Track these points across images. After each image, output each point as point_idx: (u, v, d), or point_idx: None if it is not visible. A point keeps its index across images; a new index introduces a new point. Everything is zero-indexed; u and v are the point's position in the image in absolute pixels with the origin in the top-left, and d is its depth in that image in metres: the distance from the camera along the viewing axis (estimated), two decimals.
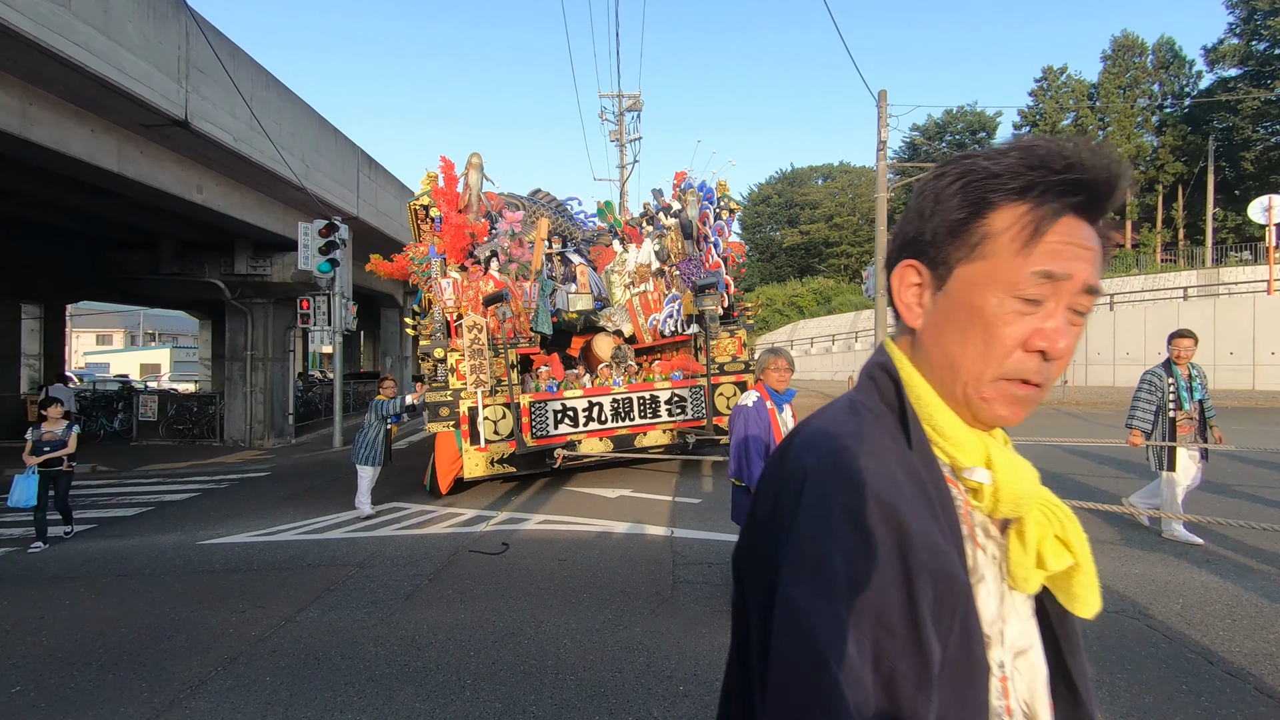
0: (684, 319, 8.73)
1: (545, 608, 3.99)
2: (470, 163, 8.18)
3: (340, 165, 13.40)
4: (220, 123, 9.32)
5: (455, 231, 7.87)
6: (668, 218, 9.14)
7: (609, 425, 7.74)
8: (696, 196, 8.90)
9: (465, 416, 7.08)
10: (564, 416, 7.56)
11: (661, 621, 3.71)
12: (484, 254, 8.01)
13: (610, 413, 7.74)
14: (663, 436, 7.97)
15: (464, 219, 8.00)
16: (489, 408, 7.15)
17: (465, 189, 8.15)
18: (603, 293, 9.21)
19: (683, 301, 8.72)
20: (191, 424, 14.83)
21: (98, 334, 58.32)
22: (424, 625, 3.81)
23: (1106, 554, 4.52)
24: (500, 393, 7.26)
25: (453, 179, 8.09)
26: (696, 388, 8.09)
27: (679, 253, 8.98)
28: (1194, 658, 3.07)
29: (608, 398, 7.75)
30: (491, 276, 7.83)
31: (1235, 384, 16.95)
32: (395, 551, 5.37)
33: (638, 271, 9.03)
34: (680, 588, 4.22)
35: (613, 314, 8.97)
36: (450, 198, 7.98)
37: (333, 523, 6.48)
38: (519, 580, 4.52)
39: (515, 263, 8.27)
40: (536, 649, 3.43)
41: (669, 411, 8.00)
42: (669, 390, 8.02)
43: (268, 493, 8.44)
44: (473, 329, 7.12)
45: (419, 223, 8.35)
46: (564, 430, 7.52)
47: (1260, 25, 31.25)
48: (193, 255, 13.31)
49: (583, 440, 7.56)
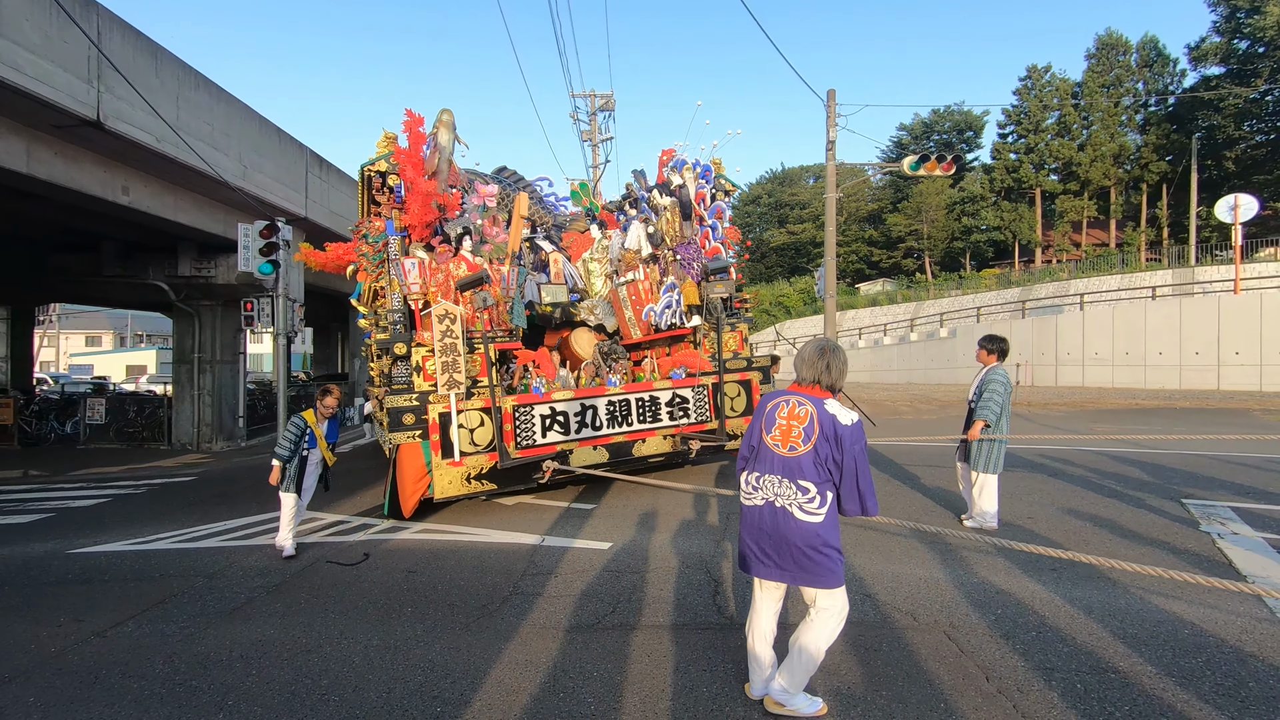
0: (684, 310, 7.78)
1: (360, 623, 3.87)
2: (441, 120, 6.82)
3: (285, 166, 13.27)
4: (140, 123, 9.20)
5: (422, 202, 6.57)
6: (662, 196, 8.11)
7: (604, 432, 6.72)
8: (693, 173, 7.99)
9: (435, 424, 5.91)
10: (553, 422, 6.47)
11: (468, 637, 3.58)
12: (454, 231, 6.84)
13: (605, 417, 6.75)
14: (663, 444, 7.01)
15: (433, 186, 6.71)
16: (464, 413, 6.03)
17: (434, 150, 6.79)
18: (578, 283, 8.11)
19: (683, 290, 7.78)
20: (140, 427, 14.73)
21: (86, 335, 58.40)
22: (227, 641, 3.68)
23: (954, 561, 4.39)
24: (477, 396, 6.17)
25: (419, 138, 6.73)
26: (700, 387, 7.24)
27: (676, 236, 8.01)
28: (974, 672, 2.93)
29: (602, 400, 6.74)
30: (463, 258, 6.70)
31: (1200, 384, 16.80)
32: (256, 561, 5.25)
33: (624, 258, 7.97)
34: (512, 600, 4.09)
35: (594, 306, 7.84)
36: (415, 161, 6.66)
37: (213, 530, 6.36)
38: (355, 593, 4.39)
39: (489, 244, 7.13)
40: (321, 668, 3.31)
41: (670, 415, 7.08)
42: (670, 391, 7.10)
43: (178, 498, 8.33)
44: (444, 319, 6.00)
45: (372, 193, 6.98)
46: (553, 439, 6.43)
47: (1242, 23, 31.07)
48: (136, 257, 13.21)
49: (574, 449, 6.53)
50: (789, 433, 2.60)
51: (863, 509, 2.55)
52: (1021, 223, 38.22)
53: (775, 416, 2.66)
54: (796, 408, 2.62)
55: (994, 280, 32.63)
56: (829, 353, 2.65)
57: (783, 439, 2.61)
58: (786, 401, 2.67)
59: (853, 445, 2.51)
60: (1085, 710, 2.63)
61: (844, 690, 2.86)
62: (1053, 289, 27.42)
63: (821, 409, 2.57)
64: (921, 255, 44.41)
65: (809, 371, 2.67)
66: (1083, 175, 36.33)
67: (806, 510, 2.54)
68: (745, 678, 3.00)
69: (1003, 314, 25.01)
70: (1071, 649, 3.14)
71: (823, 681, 2.93)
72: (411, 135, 6.67)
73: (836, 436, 2.52)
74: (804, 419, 2.58)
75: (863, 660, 3.13)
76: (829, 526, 2.55)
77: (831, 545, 2.54)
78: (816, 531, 2.53)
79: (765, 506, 2.62)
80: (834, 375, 2.64)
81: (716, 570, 4.45)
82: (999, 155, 40.06)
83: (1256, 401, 14.39)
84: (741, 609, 3.78)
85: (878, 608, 3.73)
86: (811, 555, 2.52)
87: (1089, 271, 29.30)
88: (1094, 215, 38.37)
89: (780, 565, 2.58)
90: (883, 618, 3.60)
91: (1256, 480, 6.53)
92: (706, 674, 3.05)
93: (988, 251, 41.77)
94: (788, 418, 2.63)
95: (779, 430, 2.63)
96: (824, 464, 2.53)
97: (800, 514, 2.55)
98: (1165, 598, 3.70)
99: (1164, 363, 17.67)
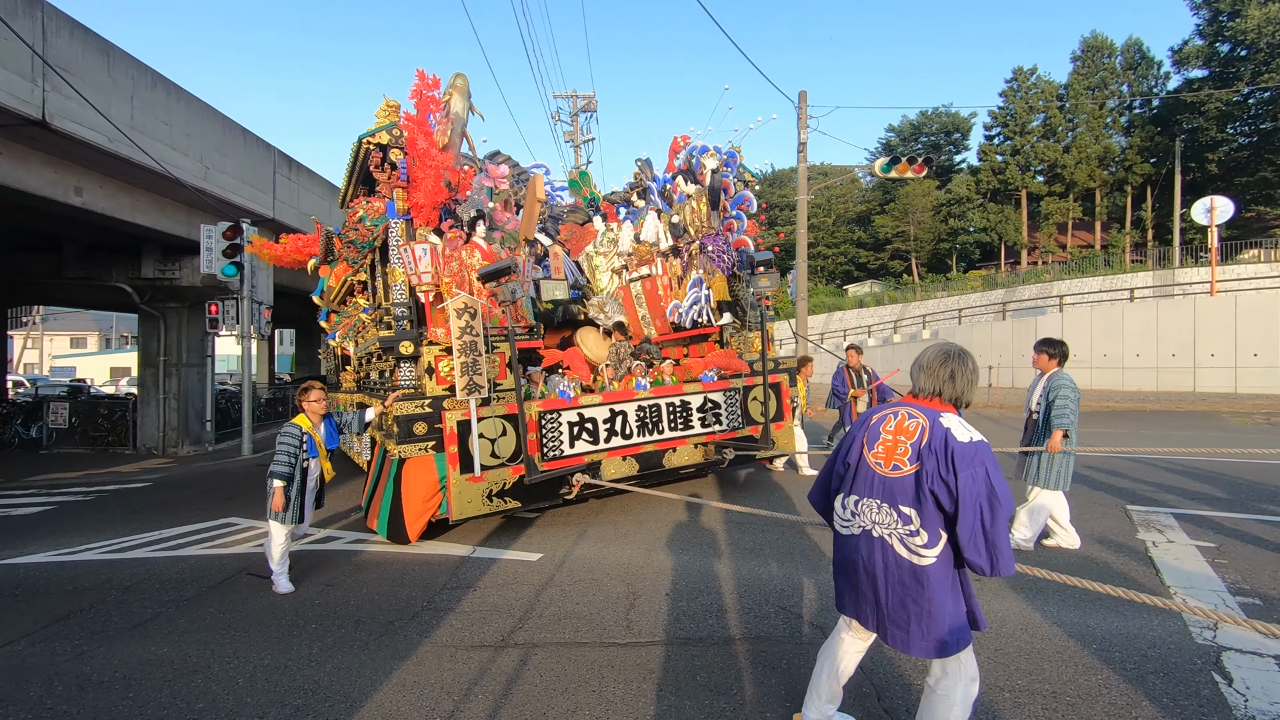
0: (713, 307, 7.26)
1: (259, 641, 3.74)
2: (455, 85, 5.99)
3: (251, 166, 13.11)
4: (89, 122, 9.02)
5: (435, 179, 5.71)
6: (688, 183, 7.51)
7: (634, 441, 6.14)
8: (717, 159, 7.34)
9: (452, 434, 5.26)
10: (581, 430, 5.89)
11: (364, 656, 3.46)
12: (468, 214, 6.15)
13: (636, 424, 6.18)
14: (695, 453, 6.47)
15: (448, 160, 5.91)
16: (485, 421, 5.39)
17: (446, 120, 6.01)
18: (579, 279, 7.49)
19: (711, 285, 7.23)
20: (106, 431, 14.51)
21: (71, 337, 57.93)
22: (115, 661, 3.55)
23: None
24: (498, 401, 5.58)
25: (431, 104, 5.85)
26: (732, 390, 6.77)
27: (702, 227, 7.36)
28: (868, 691, 2.83)
29: (632, 405, 6.16)
30: (476, 245, 6.01)
31: (1177, 386, 16.81)
32: (176, 573, 5.10)
33: (636, 252, 7.31)
34: (421, 616, 3.97)
35: (604, 304, 7.24)
36: (428, 130, 5.80)
37: (146, 540, 6.20)
38: (264, 608, 4.26)
39: (499, 230, 6.52)
40: (201, 690, 3.18)
41: (703, 421, 6.55)
42: (701, 395, 6.58)
43: (124, 506, 8.15)
44: (464, 313, 5.27)
45: (368, 168, 5.99)
46: (581, 449, 5.85)
47: (1224, 27, 31.23)
48: (98, 258, 13.01)
49: (603, 460, 5.98)
50: (893, 449, 2.15)
51: (991, 563, 1.94)
52: (1007, 224, 38.31)
53: (880, 430, 2.21)
54: (907, 420, 2.16)
55: (980, 282, 32.66)
56: (953, 359, 2.18)
57: (885, 456, 2.16)
58: (895, 413, 2.22)
59: (971, 467, 1.96)
60: None
61: (728, 711, 2.76)
62: (1036, 290, 27.46)
63: (936, 421, 2.10)
64: (909, 257, 44.47)
65: (928, 380, 2.20)
66: (1068, 177, 36.44)
67: (910, 546, 2.05)
68: (634, 697, 2.90)
69: (985, 316, 25.02)
70: None
71: (707, 700, 2.82)
72: (420, 101, 5.75)
73: (948, 452, 1.99)
74: (913, 433, 2.12)
75: (757, 678, 3.02)
76: (942, 577, 2.02)
77: (943, 601, 2.02)
78: (924, 578, 2.02)
79: (862, 536, 2.17)
80: (959, 386, 2.17)
81: (638, 582, 4.34)
82: (985, 157, 40.16)
83: (1230, 403, 14.41)
84: (654, 623, 3.67)
85: (789, 621, 3.63)
86: (911, 608, 2.02)
87: (1074, 273, 29.35)
88: (1079, 217, 38.51)
89: (877, 610, 2.12)
90: (792, 631, 3.50)
91: (1206, 486, 6.47)
92: (594, 694, 2.94)
93: (974, 253, 41.87)
94: (895, 431, 2.17)
95: (882, 446, 2.18)
96: (931, 489, 2.01)
97: (903, 549, 2.06)
98: (1082, 610, 3.61)
99: (1141, 365, 17.69)
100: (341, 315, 9.53)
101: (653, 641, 3.46)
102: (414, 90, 5.76)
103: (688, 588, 4.20)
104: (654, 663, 3.22)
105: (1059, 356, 4.73)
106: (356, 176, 6.54)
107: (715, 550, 4.97)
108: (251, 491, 8.71)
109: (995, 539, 1.93)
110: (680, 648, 3.37)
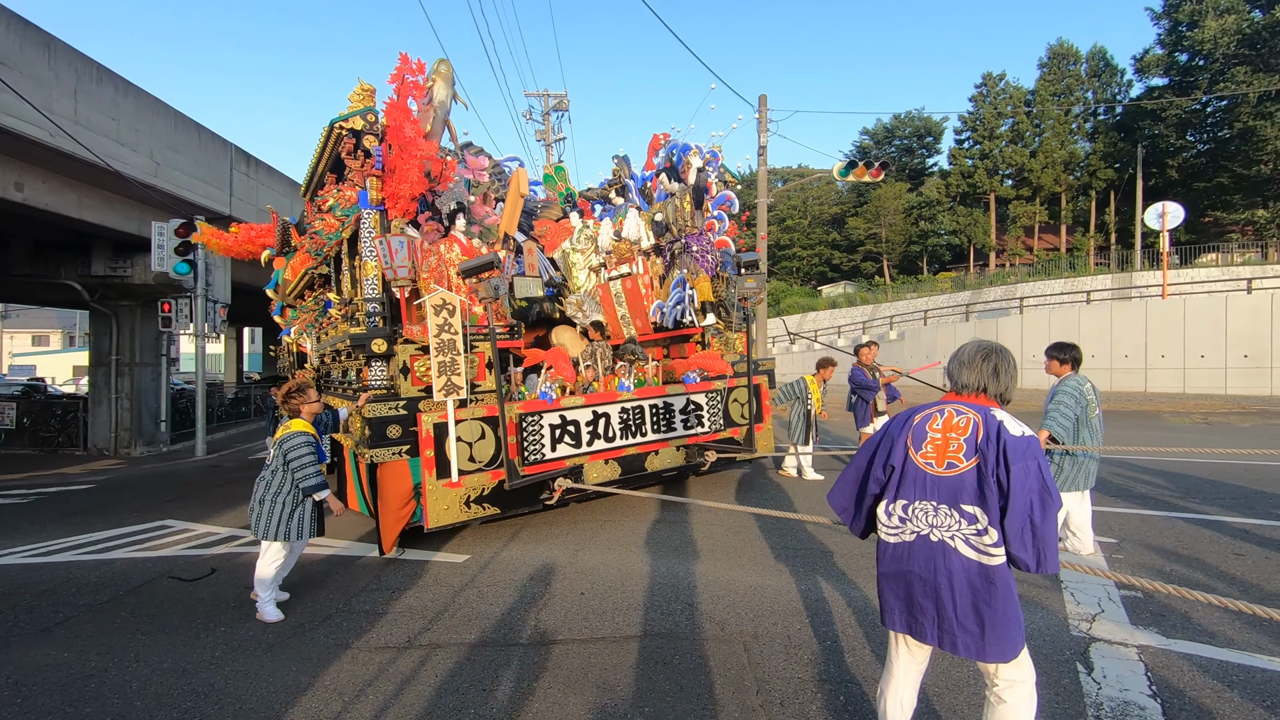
0: (697, 307, 7.24)
1: (165, 644, 3.71)
2: (439, 72, 5.75)
3: (205, 163, 12.89)
4: (27, 117, 8.82)
5: (416, 168, 5.39)
6: (671, 181, 7.45)
7: (617, 444, 6.02)
8: (701, 158, 7.28)
9: (428, 437, 5.03)
10: (563, 433, 5.74)
11: (267, 659, 3.46)
12: (447, 206, 5.94)
13: (619, 427, 6.07)
14: (677, 455, 6.43)
15: (432, 149, 5.64)
16: (463, 424, 5.18)
17: (428, 107, 5.74)
18: (554, 276, 7.35)
19: (695, 285, 7.19)
20: (57, 431, 14.18)
21: (33, 335, 56.31)
22: (11, 666, 3.49)
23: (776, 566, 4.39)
24: (475, 403, 5.41)
25: (414, 90, 5.53)
26: (714, 392, 6.74)
27: (686, 226, 7.29)
28: (749, 685, 2.91)
29: (615, 407, 6.05)
30: (456, 239, 5.83)
31: (1129, 386, 17.29)
32: (97, 576, 5.03)
33: (616, 250, 7.22)
34: (334, 618, 3.97)
35: (581, 302, 7.08)
36: (408, 116, 5.43)
37: (74, 544, 6.10)
38: (178, 611, 4.23)
39: (477, 224, 6.36)
40: (94, 693, 3.16)
41: (685, 423, 6.52)
42: (684, 397, 6.55)
43: (60, 508, 7.99)
44: (442, 310, 5.06)
45: (338, 155, 5.62)
46: (564, 452, 5.70)
47: (1183, 36, 32.13)
48: (46, 256, 12.70)
49: (585, 464, 5.85)
50: (945, 446, 2.05)
51: (1038, 560, 1.89)
52: (976, 227, 39.02)
53: (926, 429, 2.11)
54: (955, 416, 2.08)
55: (949, 283, 33.23)
56: (996, 355, 2.13)
57: (938, 455, 2.06)
58: (941, 411, 2.13)
59: (1023, 461, 1.91)
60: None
61: (608, 706, 2.82)
62: (1001, 292, 28.02)
63: (988, 415, 2.03)
64: (881, 259, 45.08)
65: (972, 376, 2.13)
66: (1035, 181, 37.22)
67: (977, 546, 1.94)
68: (521, 695, 2.94)
69: (950, 317, 25.48)
70: (857, 660, 3.14)
71: (591, 696, 2.88)
72: (402, 87, 5.46)
73: (1001, 447, 1.95)
74: (965, 429, 2.04)
75: (645, 674, 3.09)
76: (1008, 575, 1.95)
77: (1013, 599, 1.95)
78: (995, 578, 1.92)
79: (918, 542, 2.03)
80: (1003, 382, 2.11)
81: (557, 582, 4.39)
82: (955, 161, 40.85)
83: (1176, 403, 14.87)
84: (561, 622, 3.72)
85: (693, 618, 3.70)
86: (984, 611, 1.92)
87: (1039, 275, 30.01)
88: (1045, 220, 39.34)
89: (940, 622, 1.98)
90: (692, 628, 3.57)
91: (1131, 483, 6.69)
92: (483, 693, 2.98)
93: (945, 255, 42.58)
94: (944, 429, 2.08)
95: (931, 445, 2.08)
96: (992, 486, 1.95)
97: (968, 550, 1.95)
98: None
99: (1096, 365, 18.12)
100: (299, 310, 9.32)
101: (555, 640, 3.51)
102: (395, 74, 5.46)
103: (604, 587, 4.26)
104: (550, 661, 3.27)
105: (1070, 361, 4.50)
106: (325, 163, 6.22)
107: (640, 548, 5.04)
108: (196, 493, 8.61)
109: (1044, 535, 1.89)
110: (580, 646, 3.43)
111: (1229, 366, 15.78)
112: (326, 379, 8.19)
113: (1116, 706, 2.67)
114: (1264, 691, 2.74)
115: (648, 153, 7.91)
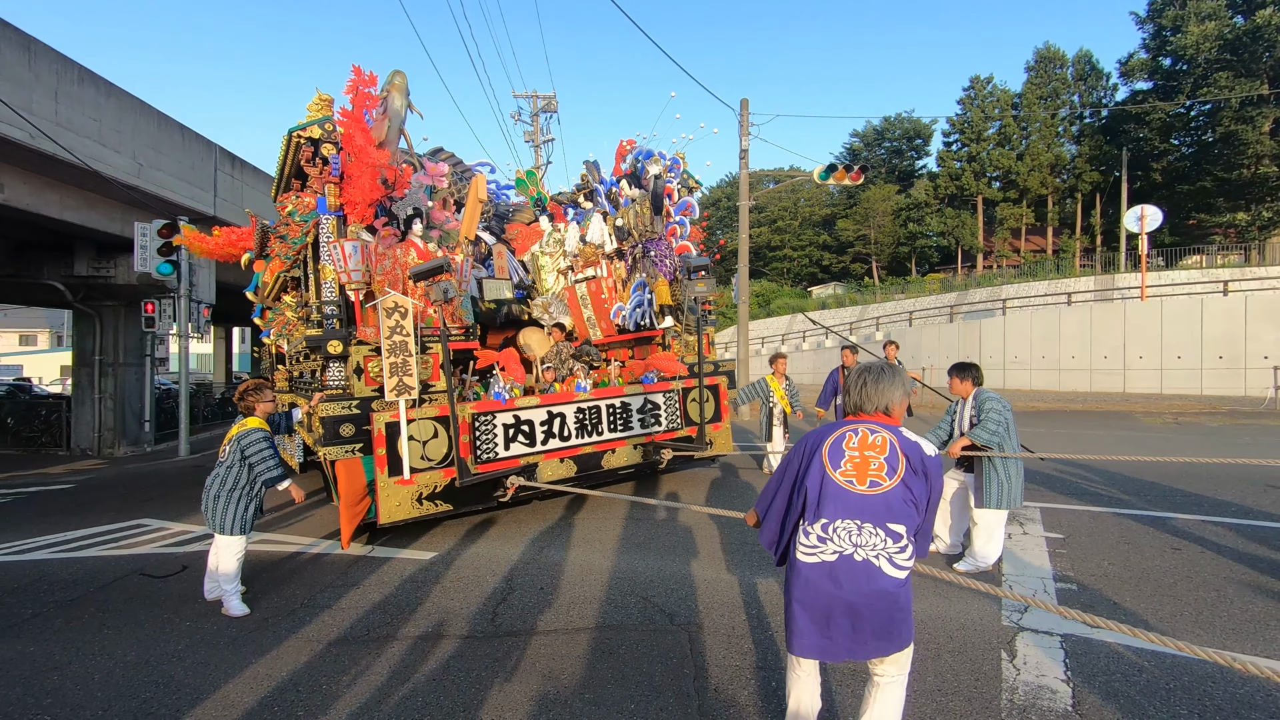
0: (656, 310, 7.41)
1: (129, 638, 3.80)
2: (394, 83, 5.94)
3: (189, 163, 12.92)
4: (7, 118, 8.85)
5: (370, 176, 5.61)
6: (632, 187, 7.61)
7: (572, 443, 6.18)
8: (660, 165, 7.48)
9: (381, 436, 5.19)
10: (517, 433, 5.89)
11: (229, 652, 3.56)
12: (404, 212, 6.15)
13: (575, 426, 6.21)
14: (634, 454, 6.58)
15: (384, 157, 5.78)
16: (415, 423, 5.33)
17: (383, 117, 5.86)
18: (524, 278, 7.46)
19: (655, 289, 7.33)
20: (40, 431, 14.17)
21: (20, 334, 55.93)
22: None
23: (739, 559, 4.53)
24: (429, 403, 5.53)
25: (366, 100, 5.70)
26: (671, 393, 6.91)
27: (645, 231, 7.48)
28: (687, 673, 3.04)
29: (570, 407, 6.18)
30: (413, 243, 6.02)
31: (1109, 387, 17.54)
32: (69, 574, 5.11)
33: (582, 254, 7.42)
34: (298, 613, 4.07)
35: (549, 304, 7.23)
36: (364, 126, 5.66)
37: (49, 542, 6.16)
38: (146, 607, 4.32)
39: (437, 229, 6.48)
40: (55, 686, 3.25)
41: (642, 422, 6.65)
42: (641, 396, 6.66)
43: (37, 508, 8.03)
44: (394, 312, 5.25)
45: (298, 162, 5.80)
46: (517, 451, 5.85)
47: (1167, 41, 32.54)
48: (28, 256, 12.71)
49: (539, 463, 5.99)
50: (865, 465, 2.09)
51: (923, 551, 2.15)
52: (964, 229, 39.37)
53: (843, 448, 2.15)
54: (870, 435, 2.14)
55: (937, 285, 33.52)
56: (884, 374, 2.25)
57: (858, 473, 2.09)
58: (854, 430, 2.18)
59: (939, 478, 2.12)
60: (763, 710, 2.75)
61: (550, 694, 2.94)
62: (986, 294, 28.29)
63: (901, 436, 2.14)
64: (870, 260, 45.38)
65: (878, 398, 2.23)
66: (1021, 184, 37.61)
67: (898, 563, 2.02)
68: (470, 685, 3.06)
69: (935, 319, 25.72)
70: None
71: (536, 684, 3.00)
72: (357, 97, 5.67)
73: (925, 469, 2.08)
74: (882, 447, 2.11)
75: (590, 663, 3.21)
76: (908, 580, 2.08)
77: (911, 598, 2.11)
78: (907, 588, 2.06)
79: (840, 561, 2.04)
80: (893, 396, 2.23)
81: (519, 578, 4.50)
82: (944, 163, 41.20)
83: (1151, 404, 15.10)
84: (519, 616, 3.84)
85: (645, 611, 3.82)
86: (896, 618, 2.03)
87: (1024, 277, 30.31)
88: (1032, 223, 39.75)
89: (855, 637, 2.04)
90: (643, 620, 3.70)
91: (1089, 482, 6.87)
92: (433, 684, 3.10)
93: (933, 257, 42.91)
94: (860, 447, 2.13)
95: (850, 463, 2.11)
96: (913, 503, 2.05)
97: (892, 569, 2.02)
98: (919, 598, 3.87)
99: (1076, 366, 18.38)
100: (275, 312, 9.43)
101: (510, 633, 3.62)
102: (350, 85, 5.65)
103: (565, 581, 4.38)
104: (503, 653, 3.38)
105: (971, 379, 4.42)
106: (288, 171, 6.36)
107: (605, 545, 5.16)
108: (175, 493, 8.67)
109: (929, 531, 2.17)
110: (534, 638, 3.55)
111: (1204, 368, 16.04)
112: (300, 379, 8.32)
113: (1030, 690, 2.81)
114: (1171, 674, 2.89)
115: (615, 158, 8.04)
